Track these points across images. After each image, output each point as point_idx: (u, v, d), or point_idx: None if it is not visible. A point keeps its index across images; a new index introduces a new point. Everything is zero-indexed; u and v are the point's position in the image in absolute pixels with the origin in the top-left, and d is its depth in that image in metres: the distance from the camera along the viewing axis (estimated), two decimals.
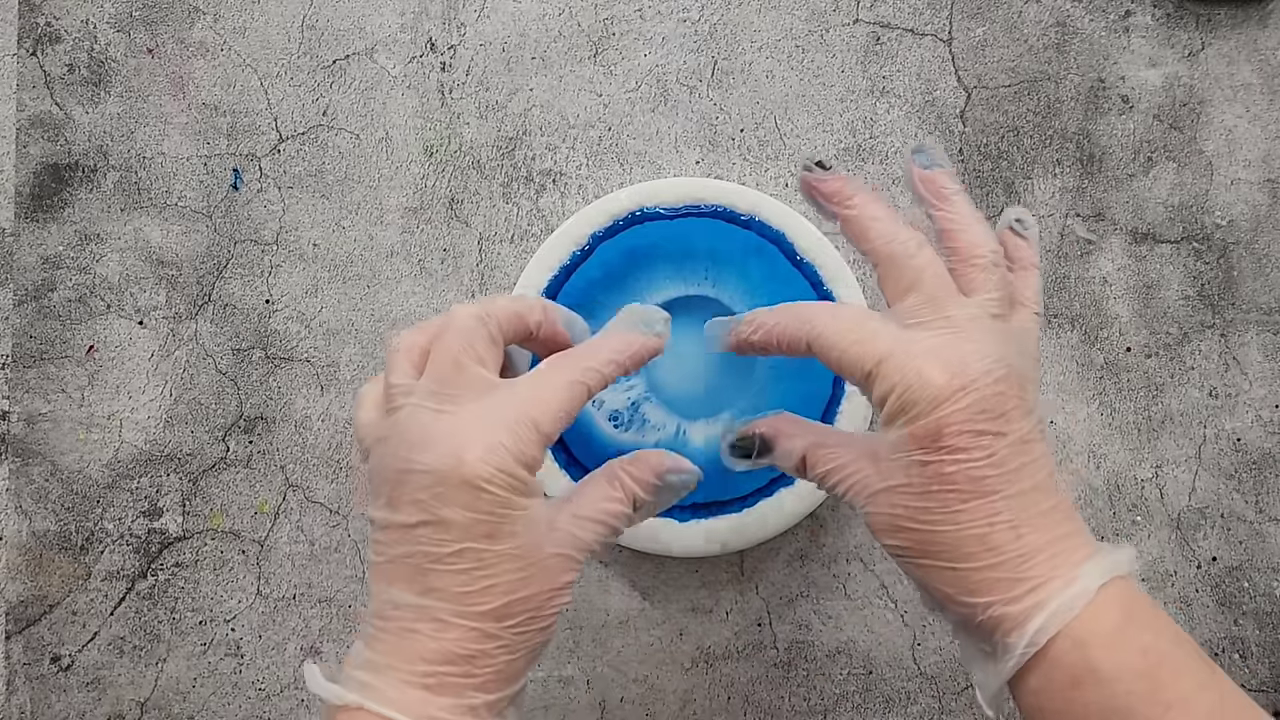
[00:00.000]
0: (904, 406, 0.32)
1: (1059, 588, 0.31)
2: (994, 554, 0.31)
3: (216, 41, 0.53)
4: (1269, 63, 0.52)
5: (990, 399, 0.32)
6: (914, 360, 0.32)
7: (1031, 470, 0.32)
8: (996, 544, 0.31)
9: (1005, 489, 0.31)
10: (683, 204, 0.50)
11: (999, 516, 0.31)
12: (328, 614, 0.52)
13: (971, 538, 0.31)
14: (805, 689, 0.51)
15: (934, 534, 0.32)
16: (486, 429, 0.31)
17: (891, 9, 0.53)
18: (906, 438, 0.32)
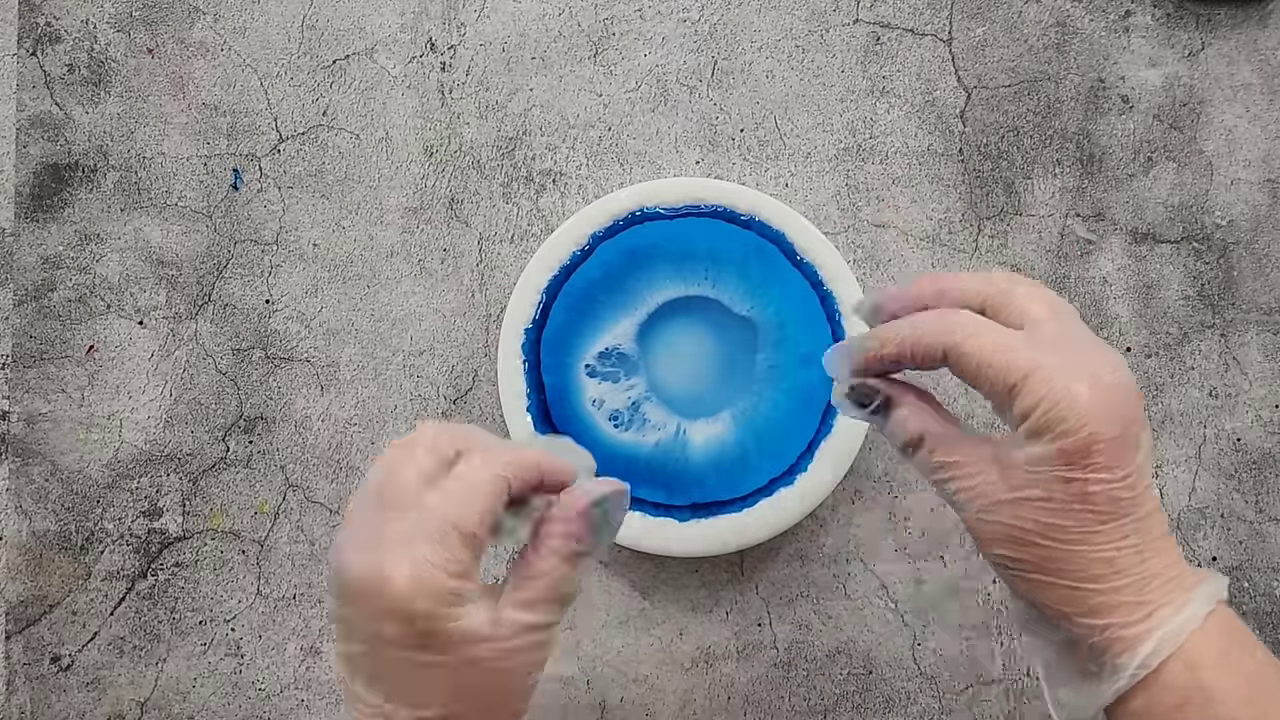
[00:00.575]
0: (1050, 422, 0.32)
1: (1171, 612, 0.31)
2: (1120, 576, 0.32)
3: (216, 41, 0.53)
4: (1269, 63, 0.52)
5: (1130, 413, 0.32)
6: (1061, 376, 0.32)
7: (1150, 494, 0.33)
8: (1123, 567, 0.32)
9: (1135, 512, 0.32)
10: (683, 204, 0.50)
11: (1127, 540, 0.32)
12: (328, 614, 0.52)
13: (1101, 560, 0.32)
14: (805, 689, 0.51)
15: (1065, 552, 0.32)
16: (410, 544, 0.31)
17: (891, 9, 0.53)
18: (1054, 453, 0.32)
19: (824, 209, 0.52)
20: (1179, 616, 0.31)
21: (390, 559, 0.31)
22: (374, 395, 0.52)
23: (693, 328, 0.51)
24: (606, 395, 0.50)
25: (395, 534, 0.31)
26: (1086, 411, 0.31)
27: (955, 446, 0.34)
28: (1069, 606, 0.32)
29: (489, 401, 0.52)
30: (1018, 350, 0.33)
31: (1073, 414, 0.31)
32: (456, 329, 0.52)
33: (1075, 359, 0.32)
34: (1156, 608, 0.31)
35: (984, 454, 0.34)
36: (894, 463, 0.52)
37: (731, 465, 0.49)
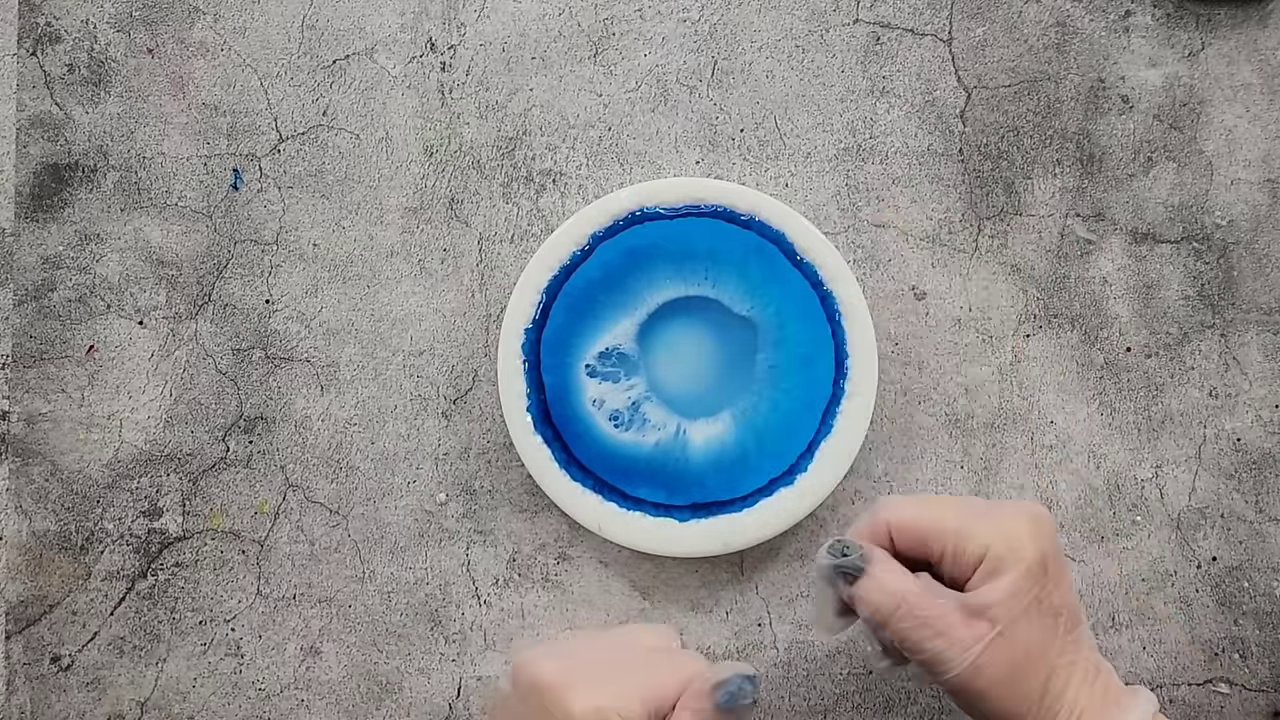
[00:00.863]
0: (1005, 555, 0.37)
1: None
2: (1086, 684, 0.38)
3: (216, 41, 0.53)
4: (1269, 63, 0.52)
5: (1053, 539, 0.38)
6: (995, 519, 0.38)
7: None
8: (1084, 675, 0.38)
9: (1081, 619, 0.39)
10: (683, 204, 0.50)
11: (1084, 647, 0.38)
12: (328, 614, 0.52)
13: (1080, 672, 0.38)
14: (805, 689, 0.51)
15: (1059, 665, 0.37)
16: (604, 686, 0.38)
17: (891, 9, 0.53)
18: (1021, 577, 0.37)
19: (824, 209, 0.52)
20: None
21: (586, 690, 0.37)
22: (374, 395, 0.52)
23: (693, 328, 0.51)
24: (607, 395, 0.50)
25: (598, 671, 0.38)
26: (1026, 537, 0.37)
27: (924, 614, 0.38)
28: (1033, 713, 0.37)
29: (489, 401, 0.52)
30: (950, 520, 0.39)
31: (1022, 542, 0.37)
32: (456, 329, 0.52)
33: (995, 509, 0.39)
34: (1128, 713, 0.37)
35: (951, 610, 0.38)
36: (894, 463, 0.52)
37: (731, 465, 0.49)
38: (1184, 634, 0.51)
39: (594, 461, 0.49)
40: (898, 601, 0.38)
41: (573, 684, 0.38)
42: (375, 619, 0.52)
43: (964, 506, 0.39)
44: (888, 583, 0.38)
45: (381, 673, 0.51)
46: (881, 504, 0.40)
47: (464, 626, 0.52)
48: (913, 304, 0.52)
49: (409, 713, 0.51)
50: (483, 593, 0.52)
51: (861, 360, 0.49)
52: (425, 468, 0.52)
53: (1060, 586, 0.37)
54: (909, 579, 0.38)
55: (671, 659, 0.40)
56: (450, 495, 0.52)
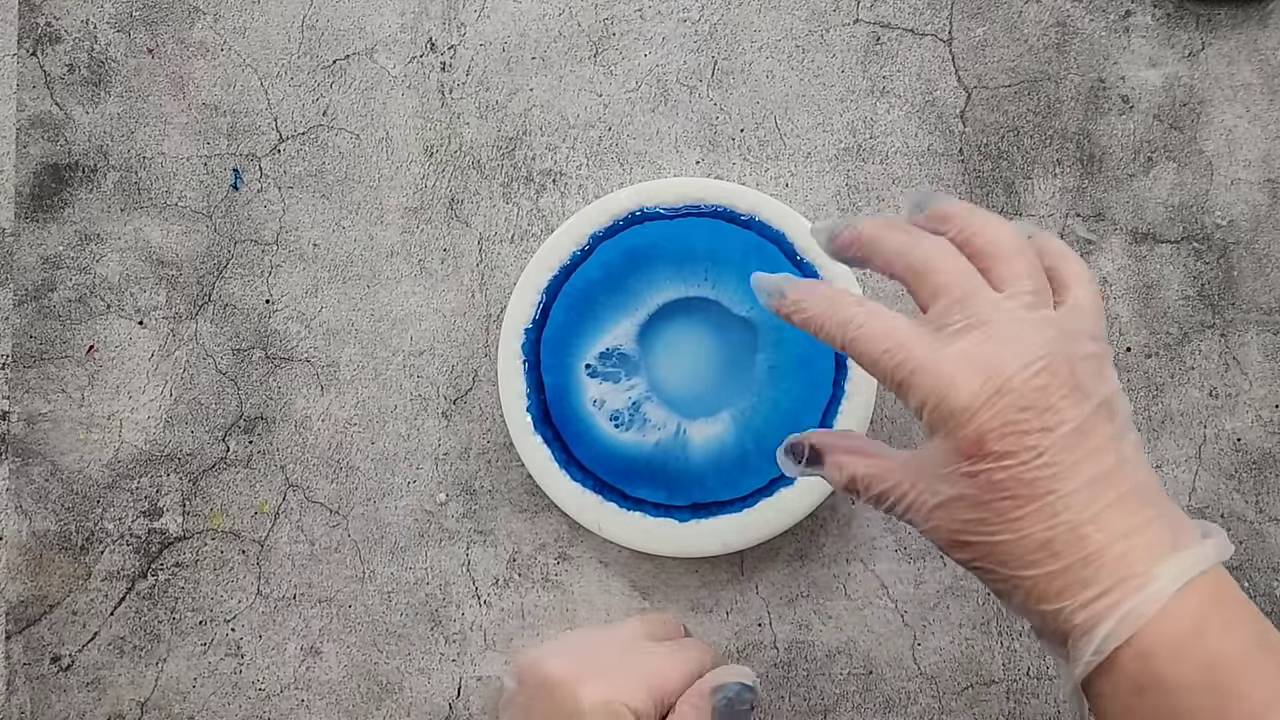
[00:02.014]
0: (941, 418, 0.31)
1: (1131, 590, 0.29)
2: (1057, 559, 0.30)
3: (216, 41, 0.53)
4: (1269, 63, 0.52)
5: (1031, 394, 0.30)
6: (945, 368, 0.31)
7: (1093, 461, 0.30)
8: (1059, 549, 0.30)
9: (1061, 487, 0.30)
10: (683, 204, 0.50)
11: (1059, 518, 0.30)
12: (328, 614, 0.52)
13: (1034, 543, 0.30)
14: (805, 689, 0.51)
15: (997, 544, 0.31)
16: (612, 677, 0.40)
17: (891, 9, 0.53)
18: (951, 450, 0.31)
19: (824, 209, 0.52)
20: (1138, 596, 0.29)
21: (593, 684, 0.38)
22: (374, 395, 0.52)
23: (693, 328, 0.51)
24: (607, 395, 0.50)
25: (605, 665, 0.39)
26: (971, 402, 0.30)
27: (885, 475, 0.34)
28: (1022, 596, 0.31)
29: (489, 401, 0.52)
30: (906, 346, 0.32)
31: (958, 407, 0.31)
32: (456, 329, 0.52)
33: (971, 346, 0.31)
34: (1111, 585, 0.29)
35: (913, 468, 0.33)
36: None
37: (731, 465, 0.49)
38: None
39: (594, 461, 0.49)
40: (850, 476, 0.35)
41: (580, 679, 0.38)
42: (375, 619, 0.52)
43: (930, 341, 0.33)
44: (841, 466, 0.35)
45: (381, 673, 0.51)
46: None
47: (464, 626, 0.52)
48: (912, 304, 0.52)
49: (409, 713, 0.51)
50: (483, 593, 0.52)
51: None
52: (425, 468, 0.52)
53: (1013, 457, 0.30)
54: (861, 452, 0.35)
55: (677, 651, 0.41)
56: (450, 495, 0.52)
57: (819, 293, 0.36)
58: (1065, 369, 0.31)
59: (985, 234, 0.35)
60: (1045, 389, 0.30)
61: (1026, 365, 0.31)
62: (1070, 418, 0.30)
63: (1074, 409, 0.30)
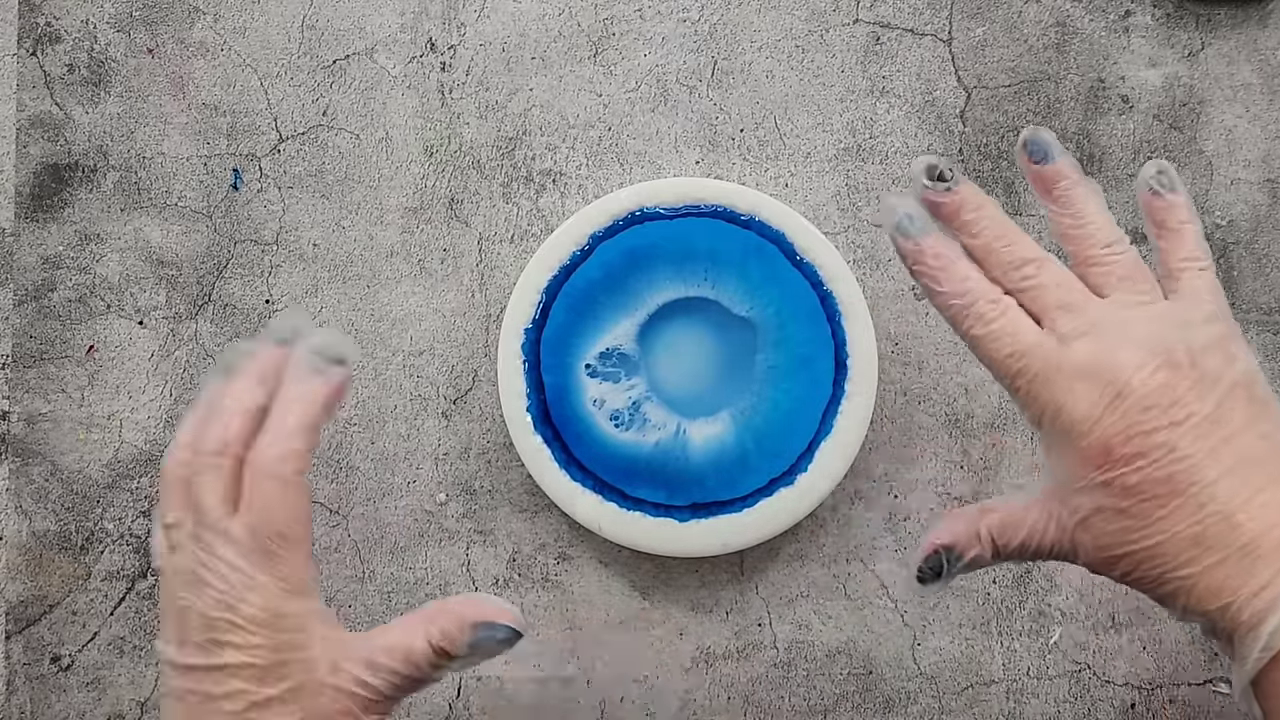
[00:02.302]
0: (1063, 430, 0.30)
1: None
2: (1211, 553, 0.28)
3: (216, 41, 0.53)
4: (1269, 63, 0.52)
5: (1153, 393, 0.29)
6: (1063, 379, 0.30)
7: (1234, 446, 0.29)
8: (1211, 542, 0.28)
9: (1203, 477, 0.28)
10: (683, 204, 0.50)
11: (1205, 509, 0.28)
12: None
13: (1184, 541, 0.28)
14: (805, 689, 0.51)
15: (1148, 549, 0.29)
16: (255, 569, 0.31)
17: (891, 9, 0.53)
18: (1079, 463, 0.30)
19: (824, 209, 0.52)
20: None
21: (242, 582, 0.31)
22: (374, 395, 0.52)
23: (693, 328, 0.51)
24: (607, 395, 0.50)
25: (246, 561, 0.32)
26: (1091, 410, 0.29)
27: (1018, 522, 0.32)
28: (1184, 599, 0.29)
29: (489, 401, 0.52)
30: (1026, 354, 0.31)
31: (1080, 416, 0.30)
32: (456, 329, 0.52)
33: (1088, 354, 0.30)
34: (1276, 575, 0.27)
35: (1039, 501, 0.32)
36: (894, 463, 0.52)
37: (731, 465, 0.49)
38: (1184, 634, 0.51)
39: (594, 461, 0.49)
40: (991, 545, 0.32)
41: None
42: (375, 619, 0.52)
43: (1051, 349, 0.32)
44: (979, 546, 0.33)
45: None
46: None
47: None
48: (913, 304, 0.52)
49: (409, 713, 0.51)
50: (483, 593, 0.52)
51: (861, 360, 0.49)
52: (425, 468, 0.52)
53: (1145, 458, 0.29)
54: (982, 517, 0.33)
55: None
56: (450, 495, 0.52)
57: (957, 270, 0.33)
58: (1186, 360, 0.30)
59: (1083, 232, 0.33)
60: (1168, 385, 0.29)
61: (1141, 365, 0.30)
62: (1199, 409, 0.29)
63: (1201, 399, 0.29)
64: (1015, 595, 0.51)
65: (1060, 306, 0.32)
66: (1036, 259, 0.34)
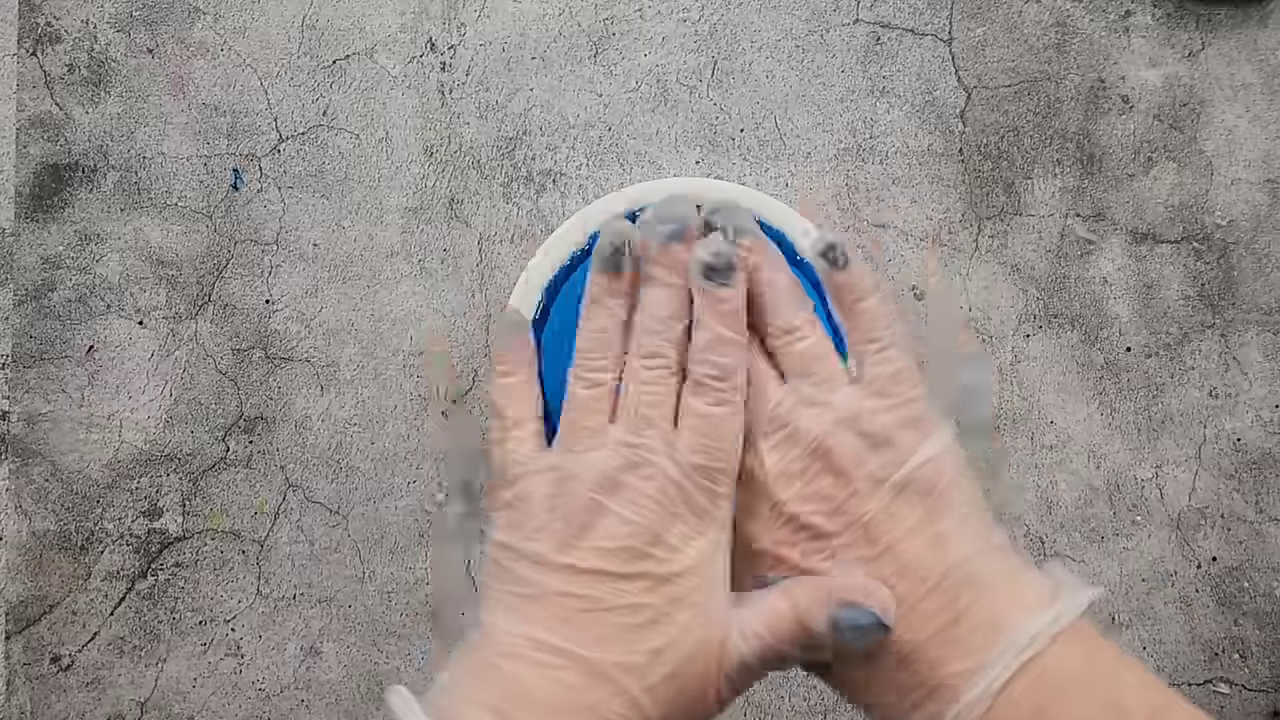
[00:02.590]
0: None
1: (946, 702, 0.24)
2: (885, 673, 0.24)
3: (216, 41, 0.53)
4: (1269, 63, 0.52)
5: (806, 510, 0.26)
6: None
7: (896, 553, 0.25)
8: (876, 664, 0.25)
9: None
10: None
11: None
12: (328, 614, 0.52)
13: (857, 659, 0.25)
14: (805, 689, 0.51)
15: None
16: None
17: (891, 9, 0.53)
18: (755, 563, 0.26)
19: (824, 209, 0.52)
20: (974, 685, 0.23)
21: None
22: (374, 395, 0.52)
23: None
24: None
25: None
26: (757, 533, 0.26)
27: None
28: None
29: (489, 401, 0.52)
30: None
31: (744, 529, 0.26)
32: (456, 329, 0.52)
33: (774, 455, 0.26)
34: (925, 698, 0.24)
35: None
36: None
37: None
38: (1184, 634, 0.51)
39: None
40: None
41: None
42: (375, 619, 0.52)
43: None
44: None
45: (381, 673, 0.51)
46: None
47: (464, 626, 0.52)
48: (913, 304, 0.52)
49: None
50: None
51: None
52: (425, 467, 0.52)
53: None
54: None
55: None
56: (450, 495, 0.52)
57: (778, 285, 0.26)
58: (848, 463, 0.26)
59: (770, 315, 0.27)
60: (825, 496, 0.26)
61: (800, 473, 0.26)
62: (856, 515, 0.26)
63: (862, 500, 0.26)
64: None
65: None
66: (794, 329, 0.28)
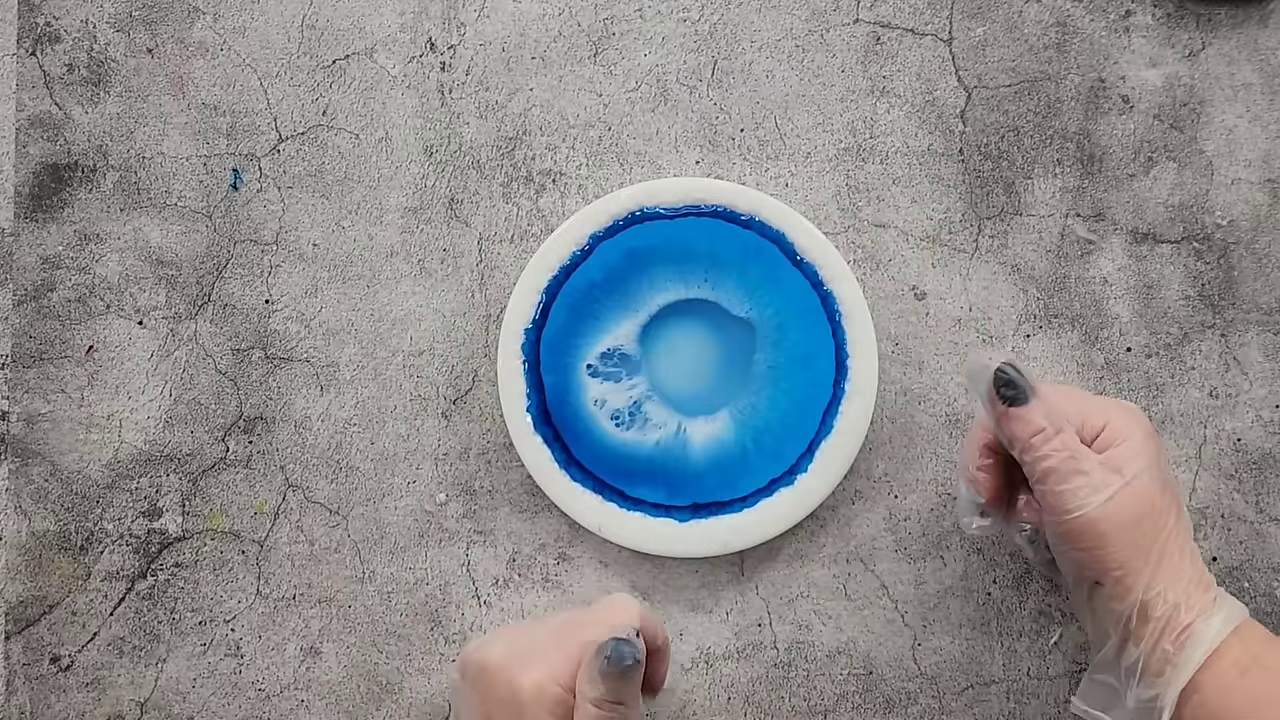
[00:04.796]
0: (1125, 424, 0.41)
1: (1213, 606, 0.39)
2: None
3: (216, 41, 0.53)
4: (1269, 62, 0.52)
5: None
6: (1104, 401, 0.44)
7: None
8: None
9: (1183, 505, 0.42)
10: (683, 204, 0.50)
11: (1188, 528, 0.42)
12: (328, 614, 0.52)
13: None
14: (805, 689, 0.51)
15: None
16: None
17: (891, 9, 0.53)
18: (1145, 439, 0.41)
19: (824, 209, 0.52)
20: (1228, 605, 0.39)
21: (529, 668, 0.40)
22: (374, 395, 0.52)
23: (693, 328, 0.51)
24: (608, 395, 0.50)
25: (540, 649, 0.41)
26: (1140, 412, 0.43)
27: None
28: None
29: (489, 401, 0.52)
30: (1067, 404, 0.41)
31: (1137, 414, 0.42)
32: (456, 329, 0.52)
33: (1094, 398, 0.43)
34: (1210, 599, 0.38)
35: (1091, 454, 0.41)
36: (894, 463, 0.52)
37: (731, 465, 0.49)
38: None
39: (594, 462, 0.49)
40: (1059, 427, 0.39)
41: (516, 665, 0.40)
42: (375, 619, 0.52)
43: (1070, 392, 0.42)
44: (1054, 406, 0.40)
45: (381, 673, 0.51)
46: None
47: (464, 627, 0.52)
48: (913, 304, 0.52)
49: (409, 713, 0.51)
50: (483, 593, 0.52)
51: (862, 360, 0.49)
52: (425, 468, 0.52)
53: (1165, 465, 0.40)
54: (1066, 421, 0.40)
55: (604, 620, 0.41)
56: (450, 495, 0.52)
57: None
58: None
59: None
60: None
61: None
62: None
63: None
64: (1015, 595, 0.51)
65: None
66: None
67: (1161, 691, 0.37)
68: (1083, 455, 0.39)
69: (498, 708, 0.39)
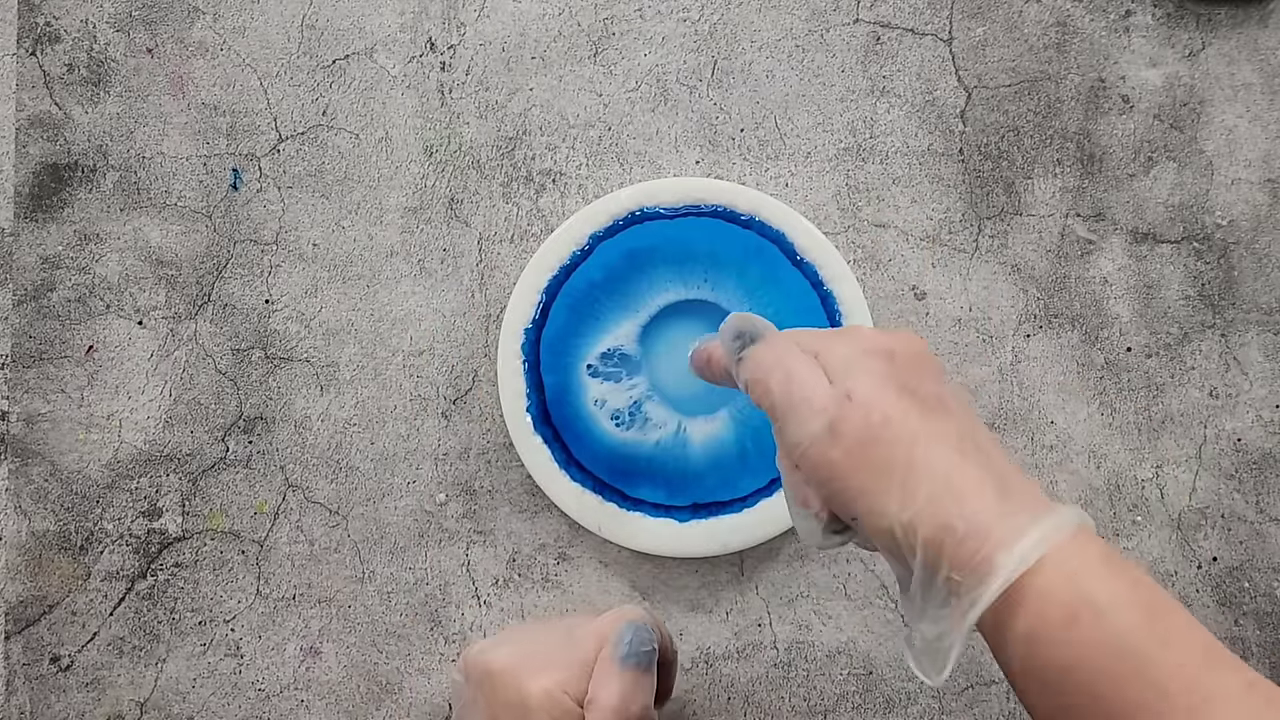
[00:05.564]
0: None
1: (1033, 519, 0.29)
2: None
3: (216, 41, 0.53)
4: (1269, 62, 0.52)
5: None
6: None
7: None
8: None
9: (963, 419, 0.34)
10: (683, 204, 0.50)
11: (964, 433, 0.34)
12: (327, 614, 0.52)
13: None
14: (805, 689, 0.51)
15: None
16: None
17: (891, 9, 0.53)
18: (868, 355, 0.35)
19: (824, 209, 0.52)
20: (1046, 520, 0.29)
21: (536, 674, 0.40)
22: (374, 395, 0.52)
23: (694, 328, 0.51)
24: (609, 395, 0.50)
25: (546, 655, 0.41)
26: (874, 336, 0.36)
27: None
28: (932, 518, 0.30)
29: (489, 401, 0.52)
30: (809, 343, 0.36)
31: (867, 338, 0.36)
32: (456, 329, 0.52)
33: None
34: (1016, 514, 0.29)
35: (820, 378, 0.36)
36: None
37: (730, 464, 0.49)
38: None
39: (594, 462, 0.49)
40: (777, 357, 0.34)
41: (523, 669, 0.39)
42: (375, 619, 0.52)
43: (813, 331, 0.37)
44: (783, 344, 0.35)
45: (381, 673, 0.51)
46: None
47: (464, 627, 0.52)
48: (913, 304, 0.52)
49: (409, 713, 0.51)
50: (483, 593, 0.52)
51: None
52: (425, 468, 0.52)
53: (926, 380, 0.33)
54: (796, 351, 0.35)
55: (610, 624, 0.41)
56: (450, 495, 0.52)
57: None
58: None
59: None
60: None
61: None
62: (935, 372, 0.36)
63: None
64: None
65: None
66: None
67: (945, 630, 0.30)
68: (804, 382, 0.33)
69: (504, 711, 0.39)
